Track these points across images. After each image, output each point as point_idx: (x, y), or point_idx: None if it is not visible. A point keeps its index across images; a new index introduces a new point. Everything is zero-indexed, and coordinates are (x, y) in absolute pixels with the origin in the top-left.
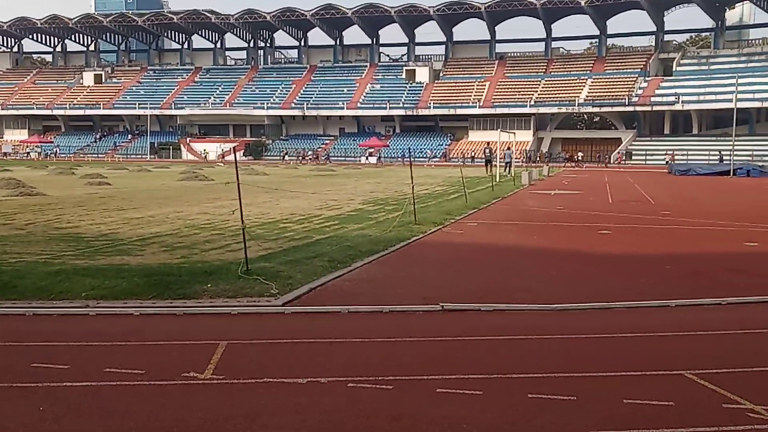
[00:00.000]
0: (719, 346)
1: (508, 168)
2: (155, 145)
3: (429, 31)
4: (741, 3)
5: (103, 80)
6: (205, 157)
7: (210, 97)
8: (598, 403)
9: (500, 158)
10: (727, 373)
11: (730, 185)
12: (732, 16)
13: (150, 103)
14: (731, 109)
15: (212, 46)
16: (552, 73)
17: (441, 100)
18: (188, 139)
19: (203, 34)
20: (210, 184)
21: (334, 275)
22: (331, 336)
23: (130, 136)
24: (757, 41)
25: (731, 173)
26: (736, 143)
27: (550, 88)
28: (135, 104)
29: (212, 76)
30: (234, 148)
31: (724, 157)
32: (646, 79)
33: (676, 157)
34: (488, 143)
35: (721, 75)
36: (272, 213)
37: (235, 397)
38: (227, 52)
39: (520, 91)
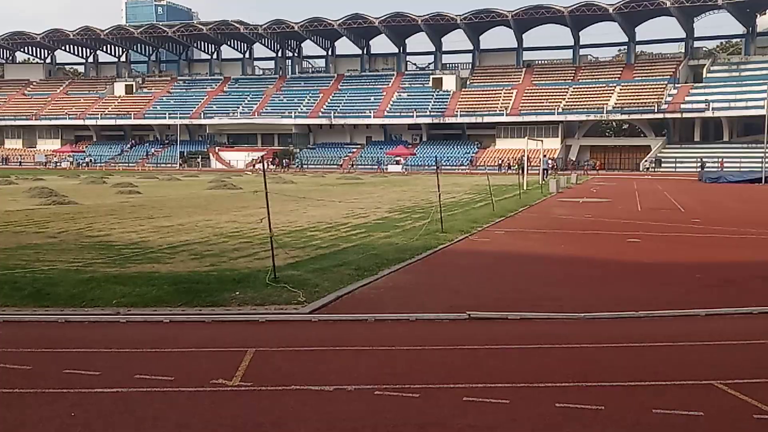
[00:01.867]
0: (750, 355)
1: (546, 174)
2: (184, 154)
3: (456, 39)
4: None
5: (134, 90)
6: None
7: (238, 107)
8: (625, 413)
9: (541, 165)
10: (758, 383)
11: (761, 193)
12: (763, 22)
13: (180, 113)
14: (762, 116)
15: (241, 56)
16: (580, 81)
17: (468, 108)
18: (217, 148)
19: (232, 45)
20: (238, 192)
21: (361, 283)
22: (357, 344)
23: (160, 146)
24: None
25: (763, 181)
26: None
27: (578, 96)
28: (165, 114)
29: (241, 85)
30: (263, 157)
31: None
32: (676, 85)
33: (707, 165)
34: (545, 153)
35: (752, 81)
36: (299, 221)
37: (262, 404)
38: (255, 62)
39: (547, 99)
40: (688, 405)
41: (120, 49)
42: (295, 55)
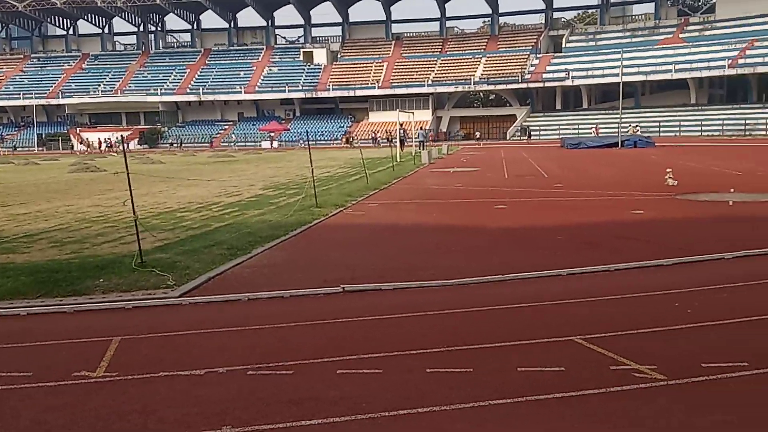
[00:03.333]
0: (607, 311)
1: (422, 146)
2: (43, 136)
3: (325, 12)
4: None
5: None
6: (103, 147)
7: (99, 85)
8: (493, 374)
9: (415, 137)
10: (614, 336)
11: (618, 156)
12: None
13: (35, 93)
14: (618, 84)
15: (99, 31)
16: (448, 53)
17: (340, 81)
18: (78, 129)
19: (89, 19)
20: (102, 175)
21: (234, 263)
22: (230, 325)
23: (15, 129)
24: (639, 17)
25: (619, 145)
26: (623, 116)
27: (447, 68)
28: (19, 94)
29: (101, 62)
30: (123, 136)
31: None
32: (538, 56)
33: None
34: (402, 124)
35: (607, 50)
36: (169, 202)
37: (129, 393)
38: (116, 37)
39: (417, 71)
40: (550, 361)
41: None
42: (159, 29)
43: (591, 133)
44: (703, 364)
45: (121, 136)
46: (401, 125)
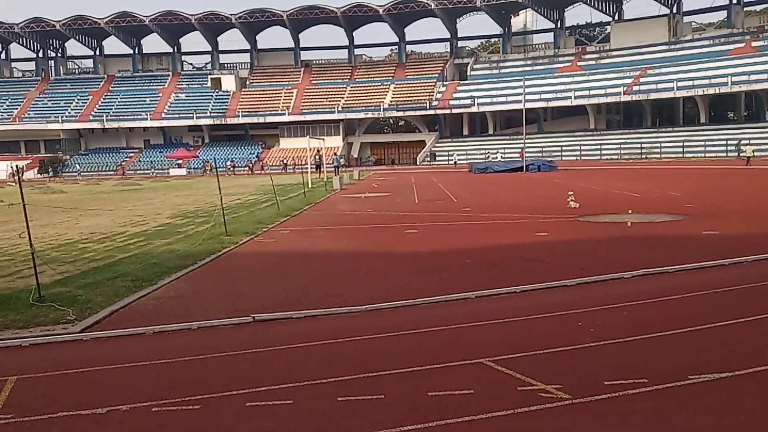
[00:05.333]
0: (513, 332)
1: (336, 171)
2: None
3: (233, 39)
4: (524, 10)
5: None
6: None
7: None
8: (404, 399)
9: (331, 163)
10: (520, 357)
11: (523, 180)
12: (517, 22)
13: None
14: (521, 110)
15: None
16: (357, 80)
17: (249, 108)
18: None
19: None
20: None
21: (139, 295)
22: (134, 360)
23: None
24: (540, 46)
25: (524, 169)
26: (527, 141)
27: (356, 95)
28: None
29: None
30: (17, 166)
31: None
32: (444, 83)
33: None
34: (318, 150)
35: (510, 78)
36: (70, 233)
37: None
38: (13, 64)
39: (327, 98)
40: (460, 384)
41: None
42: (59, 55)
43: (517, 156)
44: (606, 382)
45: (16, 166)
46: (318, 151)
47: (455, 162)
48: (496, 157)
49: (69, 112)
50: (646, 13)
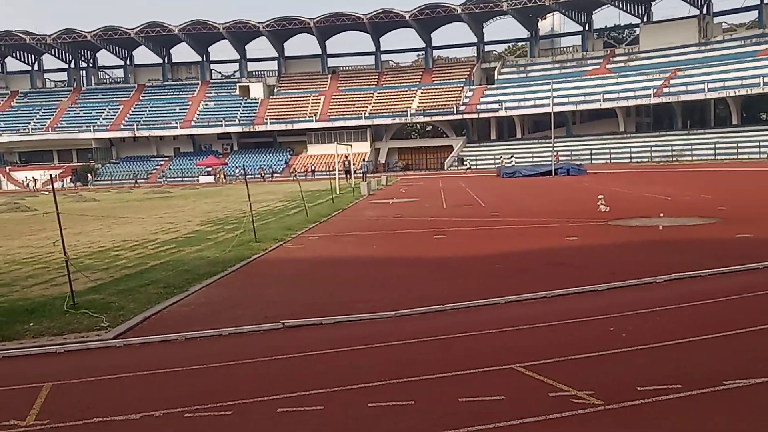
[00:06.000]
0: (544, 337)
1: (364, 177)
2: None
3: (260, 47)
4: (552, 13)
5: None
6: (30, 186)
7: (29, 122)
8: (435, 405)
9: (359, 169)
10: (552, 362)
11: (552, 184)
12: (544, 26)
13: None
14: (549, 114)
15: (29, 68)
16: (384, 86)
17: (277, 115)
18: (8, 168)
19: (18, 56)
20: (34, 215)
21: (170, 302)
22: (167, 366)
23: None
24: (567, 49)
25: (553, 173)
26: (555, 144)
27: (383, 100)
28: None
29: (30, 99)
30: (51, 175)
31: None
32: (471, 88)
33: (505, 161)
34: (346, 156)
35: (538, 82)
36: (103, 241)
37: None
38: (46, 74)
39: (354, 104)
40: (491, 390)
41: None
42: (90, 65)
43: (550, 160)
44: (639, 388)
45: (50, 174)
46: (346, 157)
47: (468, 167)
48: (511, 163)
49: (100, 122)
50: (676, 14)
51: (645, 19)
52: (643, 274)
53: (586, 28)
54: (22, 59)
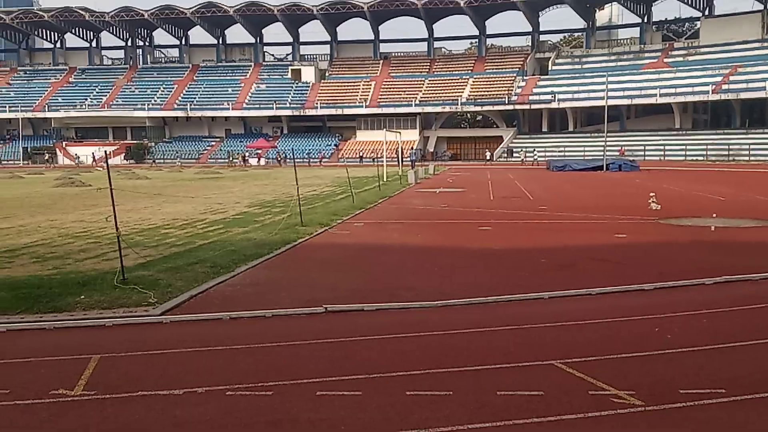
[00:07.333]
0: (587, 334)
1: (412, 165)
2: (28, 149)
3: (313, 30)
4: (610, 4)
5: None
6: (85, 161)
7: (86, 99)
8: (473, 396)
9: (407, 157)
10: (594, 360)
11: (602, 180)
12: (602, 16)
13: (21, 106)
14: (603, 107)
15: (87, 45)
16: (435, 73)
17: (328, 100)
18: (64, 143)
19: (77, 33)
20: (87, 190)
21: (217, 281)
22: (210, 344)
23: (1, 142)
24: (625, 41)
25: (604, 168)
26: (608, 139)
27: (434, 88)
28: (5, 107)
29: (88, 76)
30: (106, 152)
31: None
32: (524, 78)
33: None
34: (411, 145)
35: (592, 73)
36: (153, 219)
37: (105, 412)
38: (104, 52)
39: (405, 91)
40: (529, 385)
41: None
42: (147, 44)
43: (617, 154)
44: (681, 390)
45: (105, 151)
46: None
47: (535, 158)
48: (534, 157)
49: (155, 100)
50: (738, 8)
51: (706, 13)
52: (692, 275)
53: (645, 20)
54: (81, 36)
